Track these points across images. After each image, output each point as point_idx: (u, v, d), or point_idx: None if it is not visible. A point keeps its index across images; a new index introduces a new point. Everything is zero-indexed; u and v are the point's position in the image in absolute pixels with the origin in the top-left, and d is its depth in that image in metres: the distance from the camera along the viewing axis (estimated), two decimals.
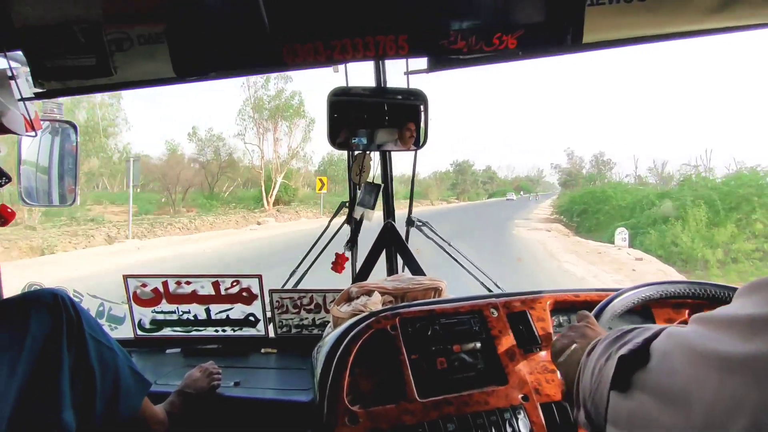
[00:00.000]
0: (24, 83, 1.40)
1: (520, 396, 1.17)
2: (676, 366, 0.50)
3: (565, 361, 0.86)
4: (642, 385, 0.55)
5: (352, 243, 1.98)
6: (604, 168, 50.53)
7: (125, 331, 1.94)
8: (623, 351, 0.59)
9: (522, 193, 75.84)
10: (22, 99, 1.39)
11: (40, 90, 1.38)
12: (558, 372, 1.00)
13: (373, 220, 1.97)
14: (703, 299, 1.19)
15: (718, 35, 1.16)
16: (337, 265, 1.83)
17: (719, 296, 1.17)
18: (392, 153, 1.90)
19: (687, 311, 1.30)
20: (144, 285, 1.87)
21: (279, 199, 29.15)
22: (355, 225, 1.98)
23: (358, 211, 1.93)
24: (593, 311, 1.07)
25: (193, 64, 1.17)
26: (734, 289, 1.17)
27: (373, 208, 1.93)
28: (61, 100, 1.62)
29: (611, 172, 48.38)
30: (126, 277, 1.89)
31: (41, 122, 1.60)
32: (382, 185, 1.96)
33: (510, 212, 32.34)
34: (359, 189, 1.92)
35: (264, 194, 28.49)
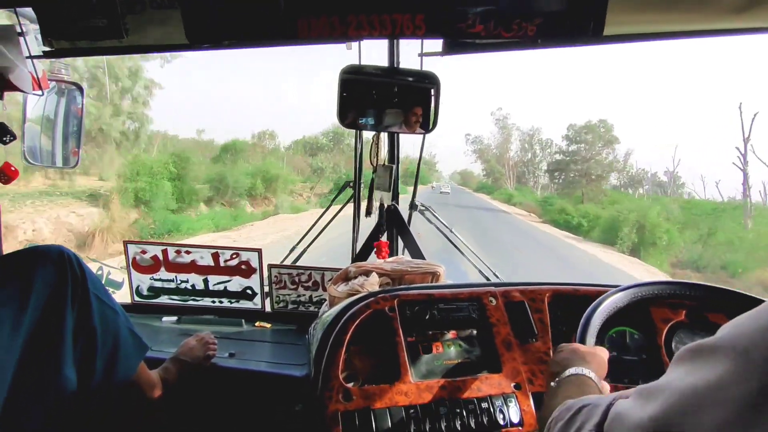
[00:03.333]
0: (33, 41, 1.38)
1: (512, 385, 1.19)
2: None
3: (545, 408, 0.86)
4: None
5: (383, 228, 1.98)
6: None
7: (123, 297, 1.95)
8: None
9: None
10: (31, 57, 1.37)
11: (49, 49, 1.36)
12: None
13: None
14: (676, 298, 1.19)
15: (741, 35, 1.14)
16: (380, 252, 1.83)
17: (698, 296, 1.17)
18: (401, 135, 1.89)
19: (684, 312, 1.30)
20: (144, 252, 1.88)
21: None
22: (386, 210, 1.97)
23: (377, 196, 1.93)
24: (578, 331, 1.05)
25: (206, 32, 1.15)
26: (718, 290, 1.18)
27: (389, 190, 1.92)
28: (70, 60, 1.60)
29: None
30: (126, 243, 1.89)
31: (48, 82, 1.58)
32: (392, 166, 1.95)
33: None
34: (374, 172, 1.91)
35: None
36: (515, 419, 1.13)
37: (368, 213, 1.97)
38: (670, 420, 0.45)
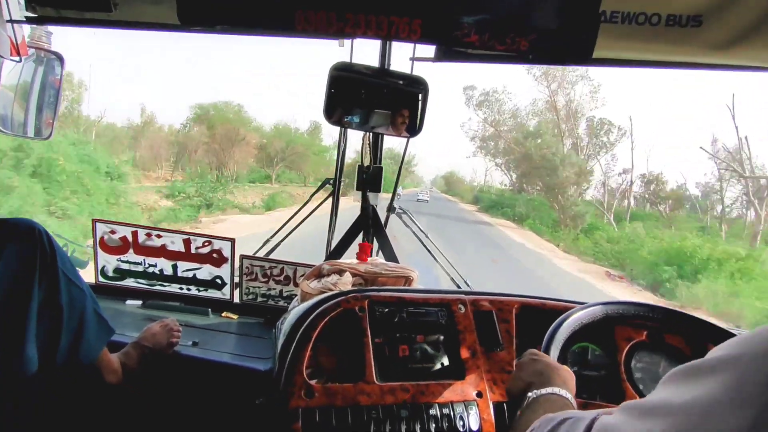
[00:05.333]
0: (15, 4, 1.33)
1: (474, 392, 1.20)
2: None
3: (520, 419, 0.85)
4: None
5: (368, 229, 1.97)
6: None
7: (86, 277, 1.90)
8: None
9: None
10: (11, 21, 1.33)
11: (32, 15, 1.32)
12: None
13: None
14: (639, 319, 1.22)
15: (724, 71, 1.19)
16: (363, 254, 1.83)
17: (660, 318, 1.21)
18: (385, 136, 1.89)
19: (645, 332, 1.34)
20: (113, 232, 1.83)
21: None
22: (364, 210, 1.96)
23: (358, 196, 1.92)
24: (543, 343, 1.07)
25: (200, 13, 1.14)
26: (679, 314, 1.22)
27: (378, 191, 1.92)
28: (51, 28, 1.55)
29: None
30: (95, 221, 1.84)
31: (27, 49, 1.53)
32: (383, 167, 1.95)
33: None
34: (363, 171, 1.91)
35: None
36: (474, 427, 1.15)
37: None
38: None
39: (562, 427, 0.64)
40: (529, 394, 0.86)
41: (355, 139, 1.96)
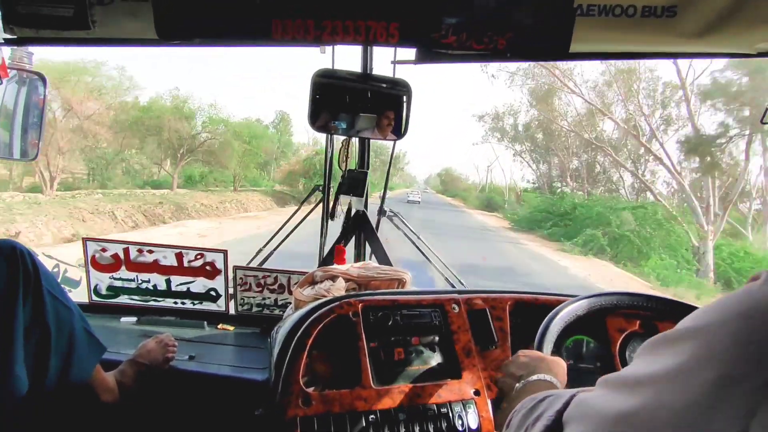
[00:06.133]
0: None
1: (471, 391, 1.20)
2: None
3: (507, 408, 0.86)
4: None
5: (356, 233, 1.97)
6: None
7: (80, 296, 1.89)
8: (538, 426, 0.62)
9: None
10: None
11: (11, 36, 1.32)
12: None
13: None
14: (631, 309, 1.23)
15: (699, 59, 1.20)
16: (339, 258, 1.82)
17: (653, 307, 1.22)
18: (371, 141, 1.90)
19: (638, 322, 1.35)
20: (104, 249, 1.82)
21: None
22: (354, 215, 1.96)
23: (345, 201, 1.92)
24: (536, 338, 1.08)
25: (177, 28, 1.14)
26: (672, 302, 1.23)
27: (362, 196, 1.92)
28: (32, 49, 1.55)
29: None
30: (85, 240, 1.83)
31: (8, 70, 1.52)
32: (367, 172, 1.95)
33: None
34: (344, 176, 1.91)
35: None
36: (473, 425, 1.15)
37: (332, 216, 1.96)
38: (650, 409, 0.46)
39: (542, 404, 0.66)
40: (517, 385, 0.88)
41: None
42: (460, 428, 1.14)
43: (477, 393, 1.20)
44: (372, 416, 1.11)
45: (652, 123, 19.47)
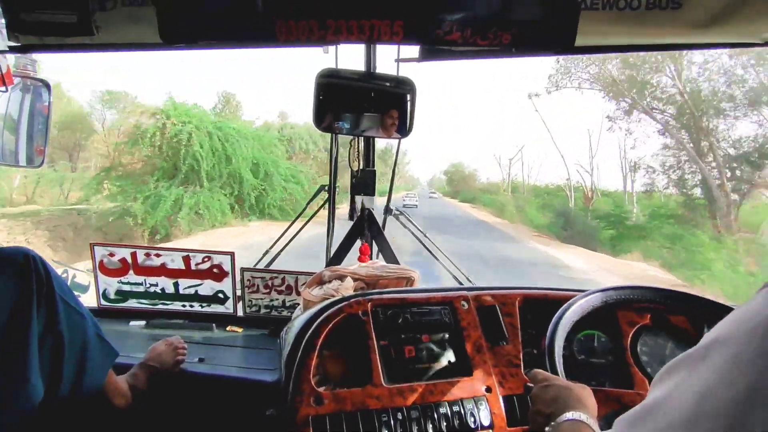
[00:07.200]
0: None
1: (483, 388, 1.20)
2: None
3: None
4: None
5: (364, 233, 1.97)
6: None
7: (88, 301, 1.89)
8: None
9: None
10: None
11: (15, 44, 1.32)
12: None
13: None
14: (642, 302, 1.23)
15: (705, 50, 1.20)
16: (363, 255, 1.82)
17: (664, 300, 1.22)
18: (376, 139, 1.90)
19: (649, 315, 1.34)
20: (112, 254, 1.82)
21: None
22: (361, 214, 1.96)
23: (358, 201, 1.93)
24: (547, 335, 1.07)
25: (181, 31, 1.14)
26: (682, 294, 1.22)
27: (373, 194, 1.93)
28: (36, 56, 1.55)
29: None
30: (93, 245, 1.84)
31: (13, 78, 1.53)
32: (375, 170, 1.96)
33: None
34: (355, 176, 1.92)
35: None
36: (486, 422, 1.15)
37: (350, 216, 1.96)
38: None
39: None
40: (547, 429, 0.83)
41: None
42: (472, 425, 1.14)
43: (488, 390, 1.20)
44: (384, 414, 1.11)
45: None
